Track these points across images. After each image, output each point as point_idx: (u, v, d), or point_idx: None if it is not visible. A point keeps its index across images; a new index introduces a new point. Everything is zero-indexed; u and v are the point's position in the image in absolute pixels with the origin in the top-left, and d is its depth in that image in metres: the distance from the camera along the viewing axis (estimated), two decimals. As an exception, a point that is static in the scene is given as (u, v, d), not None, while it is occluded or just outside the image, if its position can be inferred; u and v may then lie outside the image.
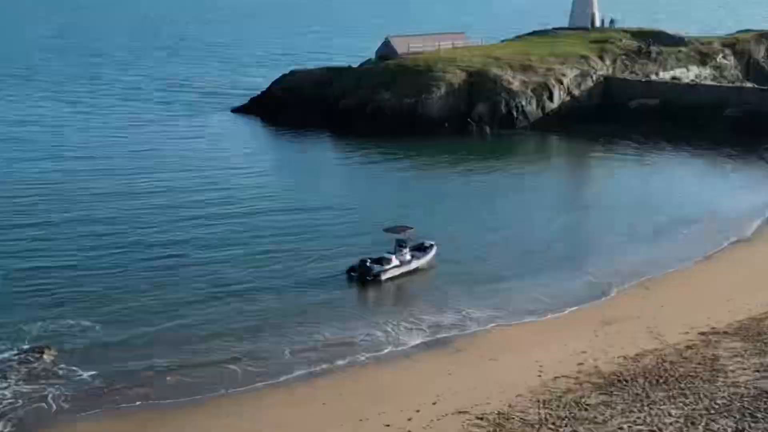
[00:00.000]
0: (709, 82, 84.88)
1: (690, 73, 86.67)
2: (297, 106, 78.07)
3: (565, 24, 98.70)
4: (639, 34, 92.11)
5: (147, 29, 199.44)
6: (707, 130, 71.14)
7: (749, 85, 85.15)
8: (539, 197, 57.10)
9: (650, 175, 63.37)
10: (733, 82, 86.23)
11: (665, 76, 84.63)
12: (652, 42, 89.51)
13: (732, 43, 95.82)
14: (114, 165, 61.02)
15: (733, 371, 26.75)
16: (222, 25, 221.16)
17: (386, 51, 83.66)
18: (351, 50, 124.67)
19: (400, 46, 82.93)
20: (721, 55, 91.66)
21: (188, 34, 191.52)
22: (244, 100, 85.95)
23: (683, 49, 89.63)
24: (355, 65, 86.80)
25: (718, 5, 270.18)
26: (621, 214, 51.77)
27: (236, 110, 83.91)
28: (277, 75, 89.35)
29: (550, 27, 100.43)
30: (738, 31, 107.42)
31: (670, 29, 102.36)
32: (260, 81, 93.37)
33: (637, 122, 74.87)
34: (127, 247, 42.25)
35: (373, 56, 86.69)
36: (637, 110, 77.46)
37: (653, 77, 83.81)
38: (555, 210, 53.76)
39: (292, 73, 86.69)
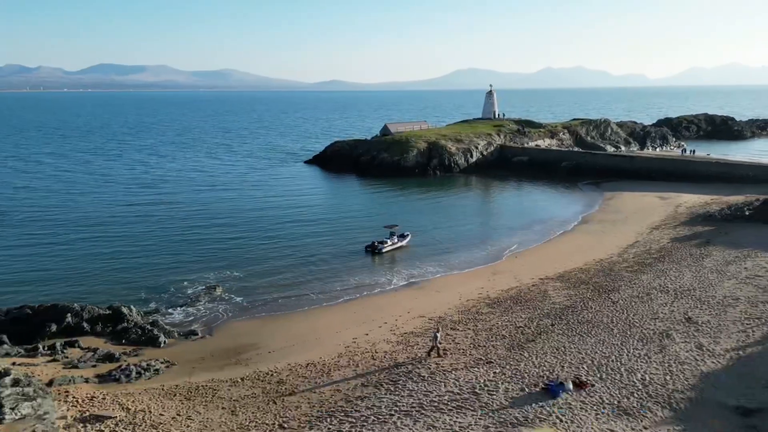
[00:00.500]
0: (554, 148, 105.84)
1: (545, 143, 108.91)
2: (338, 160, 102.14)
3: (479, 115, 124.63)
4: (518, 122, 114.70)
5: (256, 118, 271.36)
6: (553, 174, 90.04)
7: (576, 149, 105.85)
8: (465, 208, 70.63)
9: (522, 197, 78.56)
10: (567, 148, 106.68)
11: (531, 144, 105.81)
12: (524, 126, 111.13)
13: (568, 126, 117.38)
14: (243, 192, 78.84)
15: (553, 297, 36.48)
16: (295, 112, 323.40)
17: (385, 130, 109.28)
18: (366, 129, 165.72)
19: (392, 128, 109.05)
20: (562, 133, 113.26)
21: (279, 119, 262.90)
22: (310, 156, 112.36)
23: (541, 129, 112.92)
24: (368, 138, 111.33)
25: (559, 103, 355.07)
26: (506, 217, 65.56)
27: (307, 162, 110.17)
28: (327, 143, 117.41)
29: (471, 117, 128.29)
30: (571, 119, 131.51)
31: (535, 118, 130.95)
32: (318, 146, 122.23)
33: (517, 169, 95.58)
34: (255, 238, 54.49)
35: (378, 133, 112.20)
36: (516, 163, 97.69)
37: (525, 145, 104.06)
38: (472, 215, 67.30)
39: (335, 142, 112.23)
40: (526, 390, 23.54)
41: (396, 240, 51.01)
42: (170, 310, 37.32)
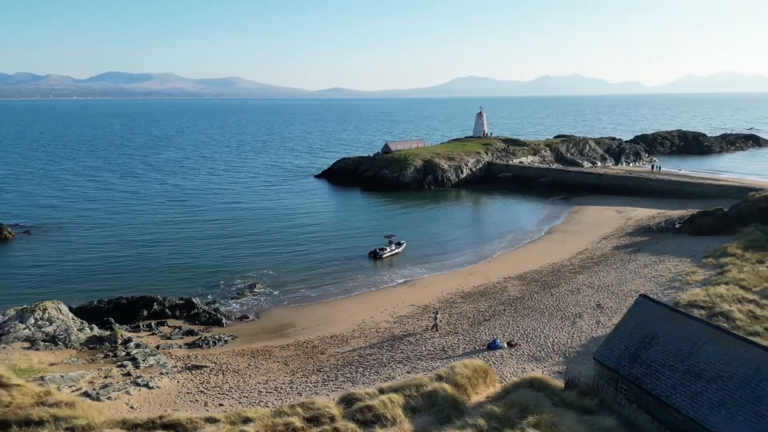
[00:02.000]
0: (537, 164, 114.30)
1: (528, 159, 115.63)
2: (345, 175, 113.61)
3: (470, 134, 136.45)
4: (504, 140, 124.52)
5: (264, 130, 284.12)
6: (533, 189, 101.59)
7: (556, 165, 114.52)
8: (453, 220, 79.26)
9: (504, 210, 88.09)
10: (548, 164, 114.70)
11: (516, 161, 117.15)
12: (510, 144, 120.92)
13: (549, 144, 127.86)
14: (265, 207, 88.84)
15: (510, 291, 47.02)
16: (300, 124, 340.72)
17: (386, 148, 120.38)
18: (367, 143, 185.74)
19: (393, 146, 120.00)
20: (544, 150, 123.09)
21: (286, 131, 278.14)
22: (319, 172, 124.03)
23: (525, 147, 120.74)
24: (370, 152, 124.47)
25: (543, 118, 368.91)
26: (487, 228, 74.49)
27: (316, 176, 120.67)
28: (332, 158, 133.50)
29: (463, 136, 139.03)
30: (554, 137, 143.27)
31: (525, 131, 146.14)
32: (324, 161, 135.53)
33: (502, 184, 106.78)
34: (281, 246, 64.71)
35: (379, 150, 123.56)
36: (502, 178, 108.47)
37: (510, 162, 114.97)
38: (458, 226, 75.37)
39: (342, 159, 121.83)
40: (476, 348, 35.60)
41: (393, 247, 61.28)
42: (223, 301, 48.83)
